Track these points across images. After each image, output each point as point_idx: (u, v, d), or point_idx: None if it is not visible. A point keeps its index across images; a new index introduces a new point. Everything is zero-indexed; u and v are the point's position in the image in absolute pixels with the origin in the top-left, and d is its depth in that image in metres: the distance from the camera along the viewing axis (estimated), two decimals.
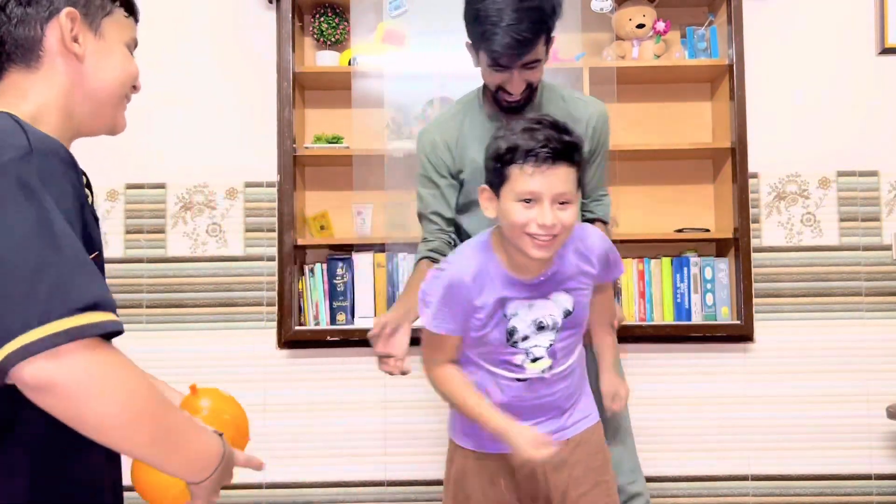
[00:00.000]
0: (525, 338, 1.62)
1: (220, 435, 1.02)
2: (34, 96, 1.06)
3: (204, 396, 1.17)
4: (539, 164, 1.48)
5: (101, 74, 1.11)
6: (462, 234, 2.07)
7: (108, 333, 0.89)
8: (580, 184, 1.92)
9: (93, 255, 1.01)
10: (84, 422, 0.88)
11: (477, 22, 1.85)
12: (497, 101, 1.98)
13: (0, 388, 0.87)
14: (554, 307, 1.63)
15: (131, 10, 1.17)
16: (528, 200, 1.49)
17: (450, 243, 2.06)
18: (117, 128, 1.17)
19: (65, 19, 1.06)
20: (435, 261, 2.01)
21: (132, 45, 1.18)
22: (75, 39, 1.08)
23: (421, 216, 2.11)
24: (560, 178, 1.50)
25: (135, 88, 1.18)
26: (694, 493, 2.91)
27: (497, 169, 1.53)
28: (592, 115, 2.05)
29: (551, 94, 2.05)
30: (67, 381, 0.85)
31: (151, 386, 0.93)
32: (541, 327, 1.62)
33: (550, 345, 1.64)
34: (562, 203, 1.50)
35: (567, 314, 1.64)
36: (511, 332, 1.61)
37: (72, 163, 0.99)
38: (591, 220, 2.11)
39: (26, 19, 1.05)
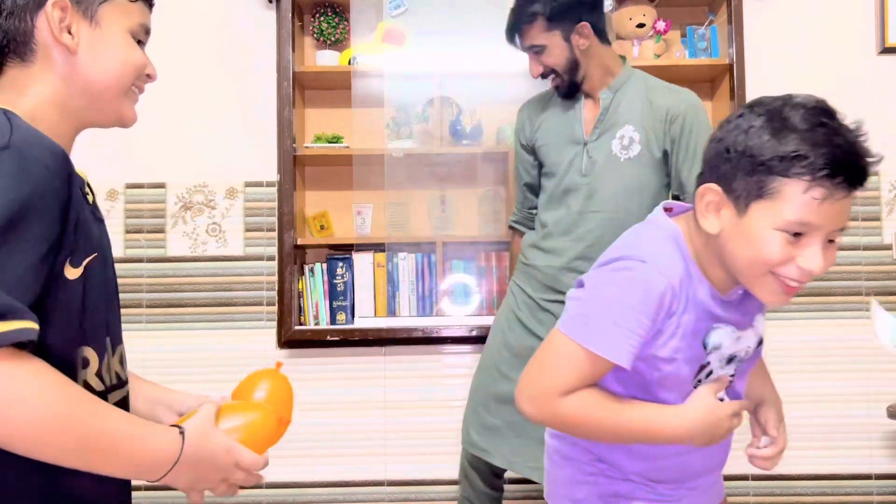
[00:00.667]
0: (710, 374, 1.23)
1: (181, 431, 0.97)
2: (31, 91, 1.02)
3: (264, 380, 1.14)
4: (834, 191, 1.07)
5: (96, 66, 1.04)
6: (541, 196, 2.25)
7: (21, 342, 0.82)
8: (680, 181, 2.06)
9: (91, 257, 0.99)
10: None
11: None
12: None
13: None
14: (752, 335, 1.26)
15: None
16: (797, 234, 1.07)
17: (530, 217, 2.28)
18: (125, 120, 1.09)
19: (52, 9, 1.00)
20: (518, 232, 2.32)
21: (139, 31, 1.09)
22: (68, 30, 1.02)
23: (518, 189, 2.36)
24: (847, 210, 1.11)
25: (149, 77, 1.11)
26: None
27: (758, 172, 1.07)
28: (676, 104, 2.04)
29: (638, 83, 2.11)
30: None
31: (72, 396, 0.86)
32: (729, 360, 1.24)
33: (730, 382, 1.26)
34: (831, 241, 1.11)
35: (760, 343, 1.28)
36: (702, 368, 1.21)
37: (61, 163, 0.92)
38: None
39: (16, 10, 1.00)
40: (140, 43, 1.10)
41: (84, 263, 0.96)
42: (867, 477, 2.90)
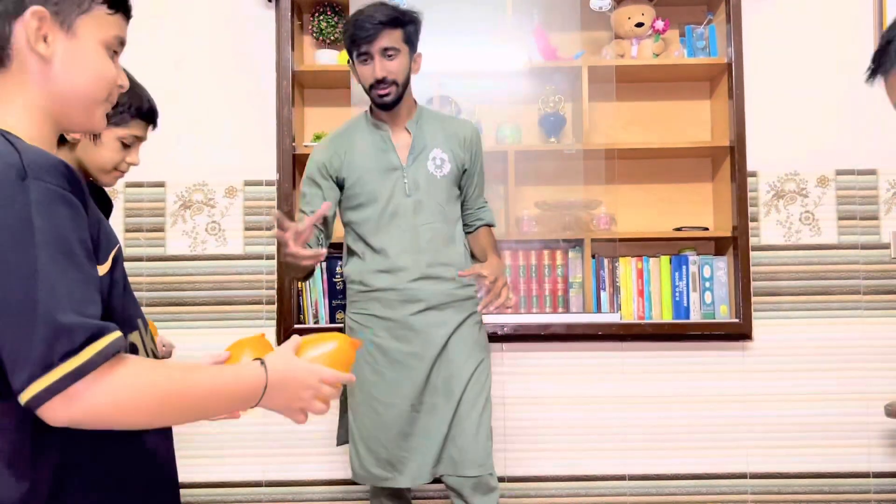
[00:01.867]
0: None
1: (262, 363, 1.09)
2: (6, 97, 1.03)
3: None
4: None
5: (70, 76, 1.05)
6: (352, 230, 2.34)
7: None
8: (467, 193, 2.44)
9: (115, 249, 1.06)
10: (115, 428, 0.97)
11: (347, 27, 2.25)
12: (374, 103, 2.30)
13: None
14: None
15: (116, 6, 1.08)
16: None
17: (317, 238, 2.32)
18: (94, 128, 1.12)
19: (30, 18, 1.01)
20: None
21: (114, 43, 1.09)
22: (44, 39, 1.02)
23: (302, 211, 2.35)
24: None
25: (121, 88, 1.13)
26: (693, 490, 2.92)
27: None
28: (469, 131, 2.41)
29: (429, 115, 2.41)
30: (86, 418, 0.93)
31: (171, 373, 1.00)
32: None
33: None
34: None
35: None
36: None
37: (71, 176, 0.97)
38: (480, 226, 2.45)
39: None
40: (115, 54, 1.11)
41: (110, 257, 1.04)
42: (865, 475, 2.91)
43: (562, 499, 2.92)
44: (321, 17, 2.99)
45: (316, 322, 2.92)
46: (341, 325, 2.88)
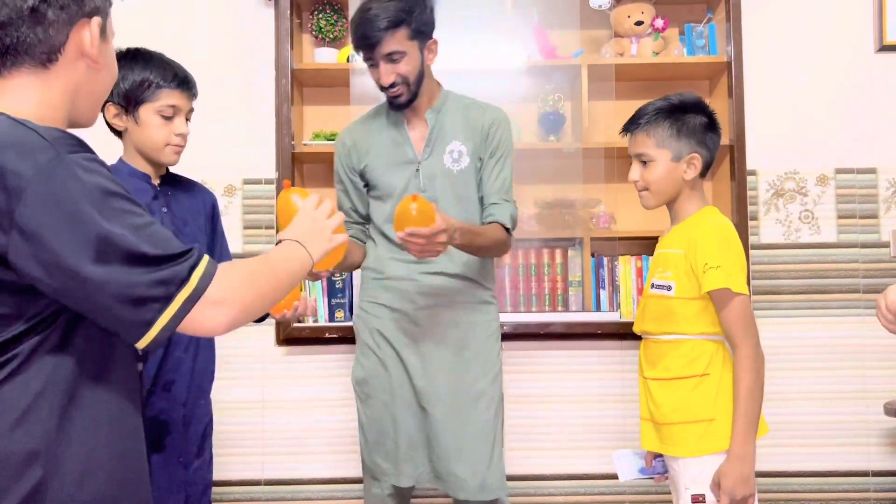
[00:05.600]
0: None
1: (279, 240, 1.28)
2: (41, 95, 1.08)
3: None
4: None
5: (104, 76, 1.15)
6: (371, 220, 2.29)
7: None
8: (489, 185, 2.22)
9: None
10: (261, 311, 1.14)
11: (353, 26, 2.13)
12: (390, 103, 2.20)
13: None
14: None
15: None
16: None
17: (364, 231, 2.32)
18: (92, 123, 1.21)
19: (95, 29, 1.10)
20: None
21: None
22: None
23: (340, 209, 2.32)
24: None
25: None
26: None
27: None
28: (489, 118, 2.23)
29: (454, 102, 2.26)
30: (237, 315, 1.07)
31: (254, 270, 1.13)
32: None
33: None
34: None
35: None
36: None
37: (86, 145, 1.04)
38: (490, 223, 2.19)
39: (55, 23, 1.07)
40: None
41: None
42: (864, 474, 2.91)
43: (561, 497, 2.93)
44: (320, 16, 2.98)
45: (315, 321, 2.92)
46: (341, 324, 2.88)
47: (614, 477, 2.02)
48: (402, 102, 2.16)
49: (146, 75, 1.84)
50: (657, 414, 1.81)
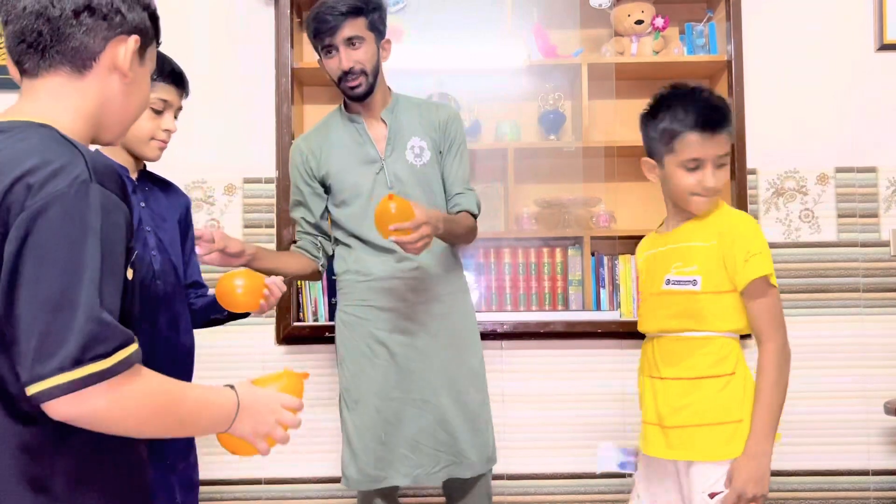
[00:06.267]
0: None
1: (231, 387, 1.17)
2: (70, 103, 1.10)
3: None
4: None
5: (134, 97, 1.18)
6: (341, 227, 2.28)
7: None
8: (451, 177, 2.29)
9: (135, 254, 1.11)
10: (108, 433, 1.01)
11: (309, 21, 2.17)
12: (346, 96, 2.24)
13: None
14: None
15: (159, 41, 1.25)
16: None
17: (315, 244, 2.32)
18: (118, 143, 1.28)
19: (133, 45, 1.13)
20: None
21: (153, 73, 1.30)
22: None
23: (292, 219, 2.38)
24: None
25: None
26: None
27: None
28: (444, 114, 2.31)
29: (406, 102, 2.32)
30: (87, 419, 0.96)
31: (167, 391, 1.05)
32: None
33: None
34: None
35: None
36: None
37: (123, 184, 1.05)
38: (459, 212, 2.28)
39: (95, 30, 1.10)
40: None
41: (132, 261, 1.09)
42: (864, 473, 2.91)
43: (560, 496, 2.93)
44: None
45: (315, 320, 2.92)
46: None
47: (614, 476, 2.01)
48: (361, 93, 2.20)
49: None
50: (670, 418, 1.74)
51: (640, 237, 3.00)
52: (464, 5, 2.87)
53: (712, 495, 1.66)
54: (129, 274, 1.06)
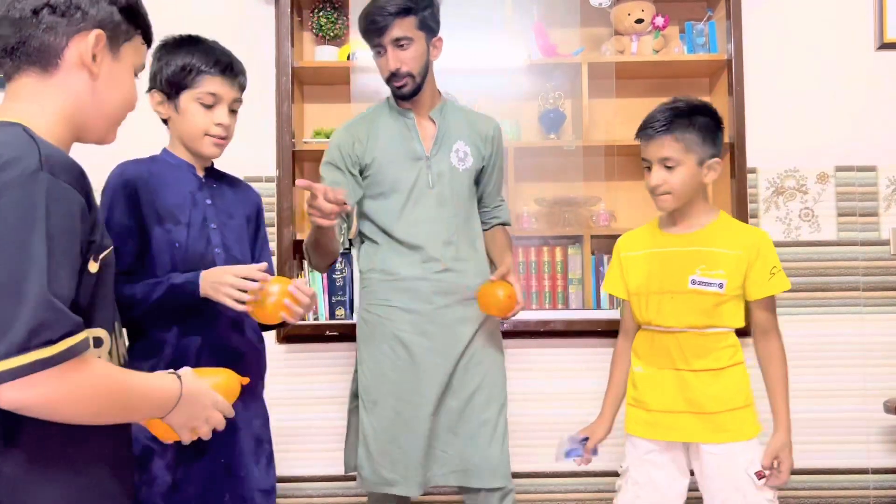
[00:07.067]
0: None
1: (178, 376, 1.18)
2: (44, 102, 1.11)
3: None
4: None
5: (108, 94, 1.16)
6: (371, 220, 2.25)
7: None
8: (486, 191, 2.35)
9: (107, 251, 1.12)
10: (55, 420, 1.00)
11: (361, 20, 2.18)
12: (394, 94, 2.23)
13: None
14: None
15: (147, 39, 1.24)
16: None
17: (339, 227, 2.23)
18: (107, 141, 1.22)
19: (92, 39, 1.12)
20: None
21: (139, 69, 1.24)
22: (94, 58, 1.13)
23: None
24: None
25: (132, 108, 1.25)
26: (691, 486, 2.91)
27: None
28: (492, 127, 2.34)
29: (454, 108, 2.33)
30: (35, 406, 0.96)
31: (114, 379, 1.05)
32: None
33: None
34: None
35: None
36: None
37: (80, 177, 1.04)
38: (496, 224, 2.38)
39: (55, 28, 1.10)
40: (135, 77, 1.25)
41: (101, 257, 1.09)
42: (864, 472, 2.92)
43: (562, 494, 2.93)
44: (321, 14, 2.98)
45: (315, 318, 2.92)
46: (341, 321, 2.88)
47: (615, 474, 2.02)
48: (406, 93, 2.19)
49: (188, 60, 1.77)
50: (709, 404, 1.91)
51: None
52: (464, 4, 2.87)
53: (759, 475, 1.90)
54: (94, 268, 1.06)
